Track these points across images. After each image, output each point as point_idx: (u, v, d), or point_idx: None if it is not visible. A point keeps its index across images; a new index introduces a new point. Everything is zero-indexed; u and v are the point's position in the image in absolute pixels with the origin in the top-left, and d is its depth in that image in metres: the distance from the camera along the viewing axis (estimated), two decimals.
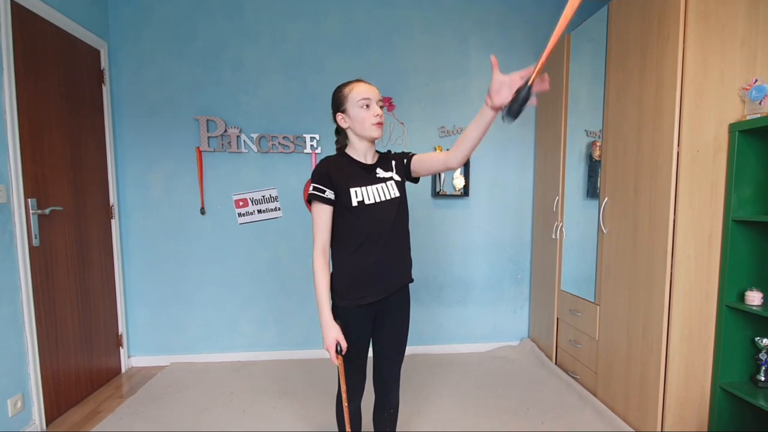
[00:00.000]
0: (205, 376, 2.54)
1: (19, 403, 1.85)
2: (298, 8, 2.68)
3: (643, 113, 1.82)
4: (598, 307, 2.17)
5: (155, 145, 2.65)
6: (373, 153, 1.36)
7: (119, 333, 2.64)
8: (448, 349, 2.94)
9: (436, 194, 2.82)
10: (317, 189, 1.24)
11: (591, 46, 2.23)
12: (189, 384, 2.42)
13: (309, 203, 1.29)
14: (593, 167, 2.26)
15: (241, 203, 2.74)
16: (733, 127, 1.61)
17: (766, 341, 1.62)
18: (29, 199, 1.91)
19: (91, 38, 2.40)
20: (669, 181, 1.67)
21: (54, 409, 2.06)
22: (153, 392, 2.32)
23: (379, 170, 1.33)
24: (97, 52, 2.47)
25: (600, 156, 2.16)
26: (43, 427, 1.97)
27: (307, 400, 2.21)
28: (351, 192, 1.25)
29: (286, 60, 2.70)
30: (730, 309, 1.66)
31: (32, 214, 1.92)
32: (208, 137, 2.65)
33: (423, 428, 1.94)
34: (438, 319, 2.94)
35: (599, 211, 2.14)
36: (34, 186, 1.96)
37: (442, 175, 2.81)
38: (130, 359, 2.74)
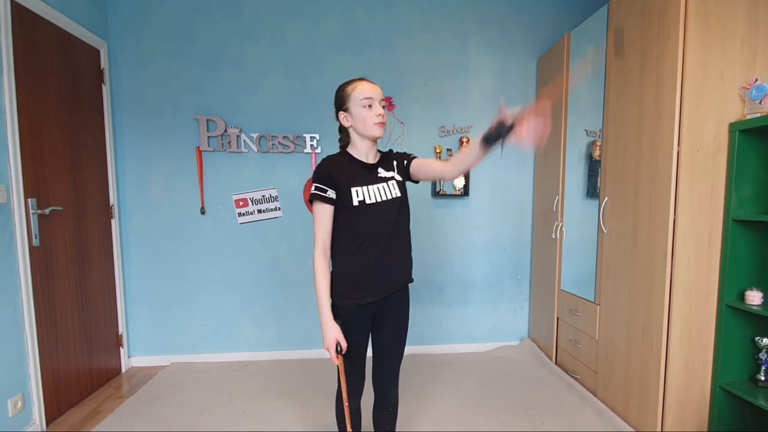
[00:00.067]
0: (205, 376, 2.54)
1: (20, 403, 1.85)
2: (298, 8, 2.68)
3: (643, 113, 1.82)
4: (598, 307, 2.17)
5: (155, 145, 2.65)
6: (375, 152, 1.36)
7: (119, 333, 2.64)
8: (448, 349, 2.93)
9: (436, 194, 2.82)
10: (319, 189, 1.24)
11: (591, 46, 2.23)
12: (189, 384, 2.42)
13: (310, 203, 1.29)
14: (593, 167, 2.26)
15: (241, 203, 2.74)
16: (733, 127, 1.61)
17: (766, 341, 1.62)
18: (29, 199, 1.91)
19: (91, 38, 2.40)
20: (669, 181, 1.67)
21: (54, 409, 2.06)
22: (153, 392, 2.32)
23: (381, 170, 1.33)
24: (97, 52, 2.47)
25: (600, 156, 2.16)
26: (44, 427, 1.97)
27: (307, 400, 2.21)
28: (352, 191, 1.25)
29: (286, 60, 2.69)
30: (730, 309, 1.66)
31: (32, 214, 1.92)
32: (208, 137, 2.65)
33: (423, 428, 1.94)
34: (438, 319, 2.94)
35: (599, 211, 2.14)
36: (34, 186, 1.95)
37: None
38: (130, 359, 2.74)
